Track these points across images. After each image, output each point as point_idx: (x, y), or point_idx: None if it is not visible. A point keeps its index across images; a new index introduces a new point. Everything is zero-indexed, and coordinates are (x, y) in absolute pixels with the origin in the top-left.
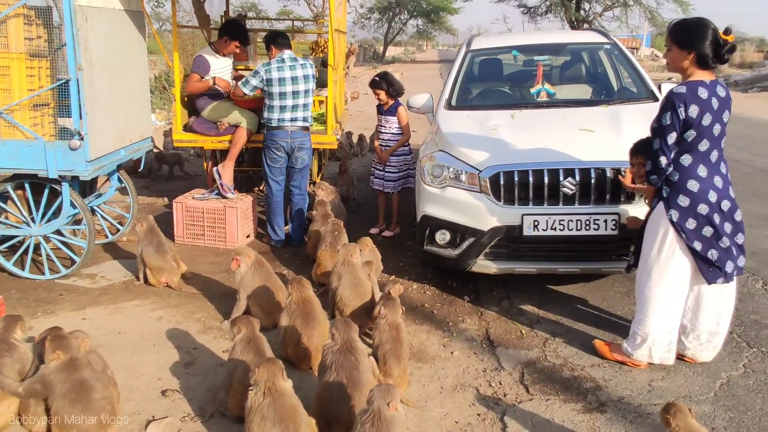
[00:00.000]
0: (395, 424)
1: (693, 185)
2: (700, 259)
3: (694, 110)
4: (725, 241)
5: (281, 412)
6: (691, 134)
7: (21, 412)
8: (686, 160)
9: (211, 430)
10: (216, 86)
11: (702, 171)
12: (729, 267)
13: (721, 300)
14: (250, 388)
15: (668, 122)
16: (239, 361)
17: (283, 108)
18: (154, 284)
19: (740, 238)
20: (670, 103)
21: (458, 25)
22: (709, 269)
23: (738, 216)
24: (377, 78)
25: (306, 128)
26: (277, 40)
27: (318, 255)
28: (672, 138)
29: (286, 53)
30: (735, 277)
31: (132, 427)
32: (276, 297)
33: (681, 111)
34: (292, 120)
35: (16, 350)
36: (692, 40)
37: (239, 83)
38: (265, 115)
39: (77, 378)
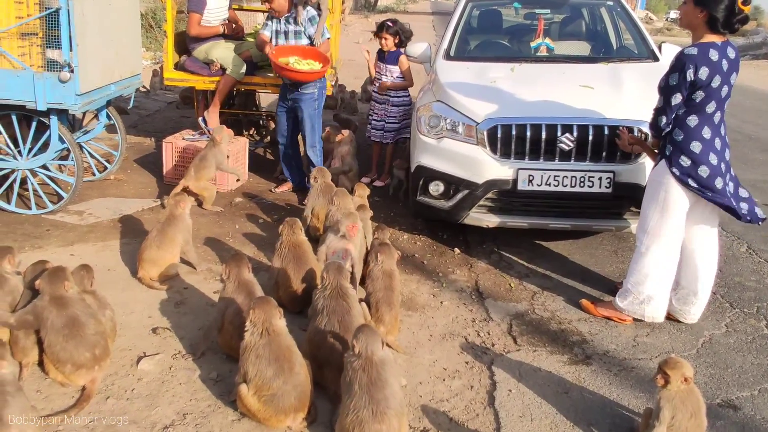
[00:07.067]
0: (386, 366)
1: (696, 146)
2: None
3: (704, 72)
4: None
5: (276, 351)
6: (699, 95)
7: (11, 344)
8: (692, 120)
9: (202, 368)
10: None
11: (706, 133)
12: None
13: (704, 260)
14: (246, 328)
15: (675, 83)
16: (230, 301)
17: None
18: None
19: (744, 192)
20: (680, 64)
21: None
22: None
23: (733, 173)
24: (389, 23)
25: None
26: None
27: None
28: (676, 99)
29: None
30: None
31: (123, 362)
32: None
33: (690, 73)
34: None
35: (7, 282)
36: None
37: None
38: None
39: (70, 314)
